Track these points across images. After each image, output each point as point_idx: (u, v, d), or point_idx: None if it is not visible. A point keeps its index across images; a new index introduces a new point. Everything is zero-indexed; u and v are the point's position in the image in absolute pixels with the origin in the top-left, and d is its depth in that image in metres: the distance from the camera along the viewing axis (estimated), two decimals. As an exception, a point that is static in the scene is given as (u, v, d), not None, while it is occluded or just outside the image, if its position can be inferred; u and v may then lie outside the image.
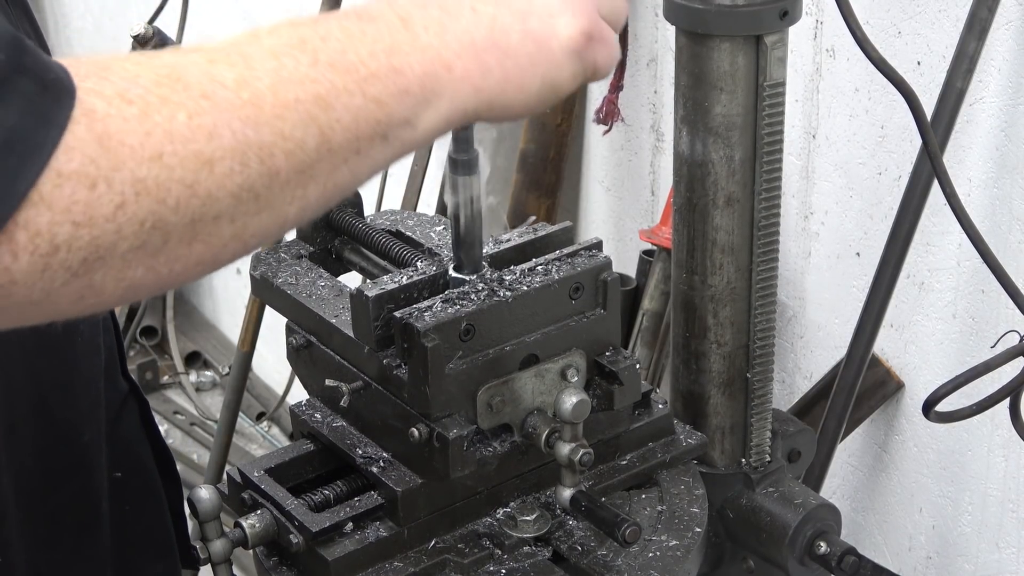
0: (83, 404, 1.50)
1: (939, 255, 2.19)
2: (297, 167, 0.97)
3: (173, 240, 0.93)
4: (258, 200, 0.96)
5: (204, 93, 0.93)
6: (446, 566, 1.44)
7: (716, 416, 1.78)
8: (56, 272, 0.90)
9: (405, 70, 1.03)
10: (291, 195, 0.98)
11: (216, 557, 1.44)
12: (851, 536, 2.40)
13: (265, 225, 0.98)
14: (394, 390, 1.42)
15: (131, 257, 0.92)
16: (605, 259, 1.48)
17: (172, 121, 0.91)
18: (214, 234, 0.95)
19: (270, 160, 0.95)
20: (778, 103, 1.63)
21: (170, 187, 0.91)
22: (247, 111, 0.94)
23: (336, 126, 0.99)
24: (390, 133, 1.02)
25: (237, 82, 0.95)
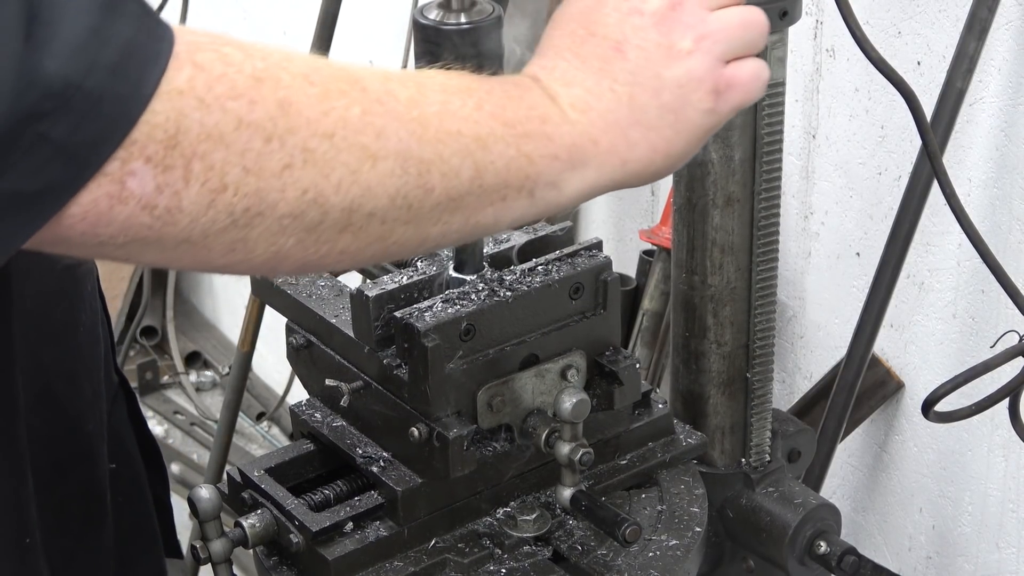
0: (87, 394, 1.51)
1: (939, 255, 2.19)
2: (449, 192, 1.04)
3: (328, 220, 0.99)
4: (409, 210, 1.02)
5: (379, 99, 1.01)
6: (446, 566, 1.44)
7: (716, 416, 1.78)
8: (219, 212, 0.95)
9: (555, 138, 1.09)
10: (438, 217, 1.05)
11: (216, 557, 1.44)
12: (851, 536, 2.40)
13: (408, 237, 1.05)
14: (394, 390, 1.42)
15: (288, 223, 0.98)
16: (605, 259, 1.48)
17: (347, 110, 0.98)
18: (364, 229, 1.01)
19: (427, 176, 1.02)
20: (778, 103, 1.64)
21: (335, 166, 0.98)
22: (414, 127, 1.02)
23: (490, 167, 1.05)
24: (536, 191, 1.09)
25: (409, 101, 1.03)
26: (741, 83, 1.15)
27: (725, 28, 1.14)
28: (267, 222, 0.97)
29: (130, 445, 1.63)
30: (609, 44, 1.13)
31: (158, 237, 0.95)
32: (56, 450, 1.48)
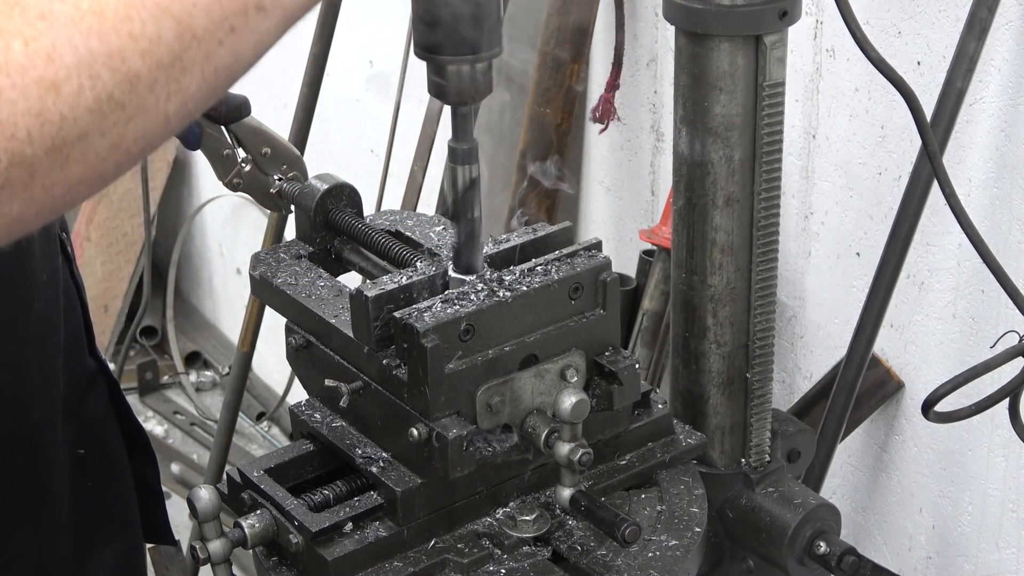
0: (35, 381, 1.51)
1: (939, 255, 2.19)
2: (160, 64, 0.92)
3: (41, 170, 0.90)
4: (124, 108, 0.92)
5: (41, 13, 0.89)
6: (446, 566, 1.44)
7: (716, 416, 1.78)
8: None
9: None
10: (164, 93, 0.93)
11: (216, 557, 1.44)
12: (851, 536, 2.40)
13: (143, 129, 0.94)
14: (394, 390, 1.42)
15: (1, 196, 0.89)
16: (605, 259, 1.48)
17: (8, 52, 0.87)
18: (87, 151, 0.91)
19: (124, 66, 0.91)
20: (778, 103, 1.63)
21: (16, 121, 0.87)
22: (88, 21, 0.90)
23: (194, 11, 0.94)
24: (264, 1, 0.97)
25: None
26: None
27: None
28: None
29: (107, 432, 1.62)
30: None
31: None
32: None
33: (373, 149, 3.50)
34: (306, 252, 1.62)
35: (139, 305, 4.41)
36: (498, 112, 2.93)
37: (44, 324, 1.50)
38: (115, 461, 1.63)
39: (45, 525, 1.54)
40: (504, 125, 2.92)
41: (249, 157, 1.60)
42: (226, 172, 1.60)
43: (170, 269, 4.56)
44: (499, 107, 2.93)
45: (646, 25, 2.60)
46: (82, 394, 1.58)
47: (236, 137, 1.58)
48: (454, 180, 1.40)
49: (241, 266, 4.33)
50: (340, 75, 3.34)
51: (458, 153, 1.38)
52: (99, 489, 1.60)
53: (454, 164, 1.39)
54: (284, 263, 1.60)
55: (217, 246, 4.50)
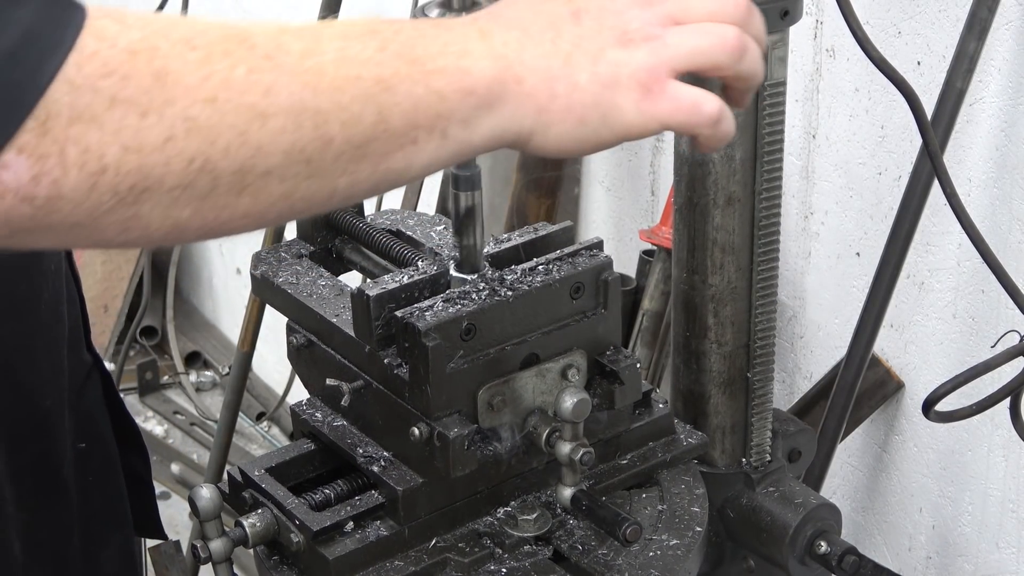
0: (46, 370, 1.52)
1: (939, 255, 2.19)
2: (351, 140, 1.00)
3: (222, 186, 0.96)
4: (309, 164, 0.99)
5: (267, 55, 0.97)
6: (446, 565, 1.44)
7: (716, 416, 1.78)
8: (104, 194, 0.93)
9: (473, 71, 1.05)
10: (343, 167, 1.01)
11: (216, 556, 1.44)
12: (851, 536, 2.40)
13: (313, 191, 1.01)
14: (395, 390, 1.42)
15: (179, 195, 0.95)
16: (606, 259, 1.48)
17: (231, 71, 0.95)
18: (263, 189, 0.98)
19: (324, 127, 0.98)
20: (778, 103, 1.64)
21: (221, 131, 0.94)
22: (307, 77, 0.98)
23: (395, 109, 1.01)
24: (449, 130, 1.04)
25: (302, 52, 0.99)
26: (674, 97, 1.12)
27: (681, 43, 1.12)
28: (157, 196, 0.95)
29: (103, 425, 1.63)
30: (569, 8, 1.11)
31: (46, 225, 0.94)
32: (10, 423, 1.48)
33: (373, 149, 3.49)
34: (307, 251, 1.62)
35: (139, 305, 4.41)
36: (498, 112, 2.93)
37: (52, 313, 1.51)
38: (110, 455, 1.64)
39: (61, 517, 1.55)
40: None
41: None
42: None
43: (170, 269, 4.56)
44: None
45: (646, 25, 2.60)
46: (81, 387, 1.59)
47: None
48: (457, 206, 1.41)
49: (241, 266, 4.33)
50: (340, 75, 3.33)
51: (460, 180, 1.39)
52: (99, 482, 1.61)
53: (457, 191, 1.40)
54: (285, 262, 1.60)
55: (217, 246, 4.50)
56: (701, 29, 1.13)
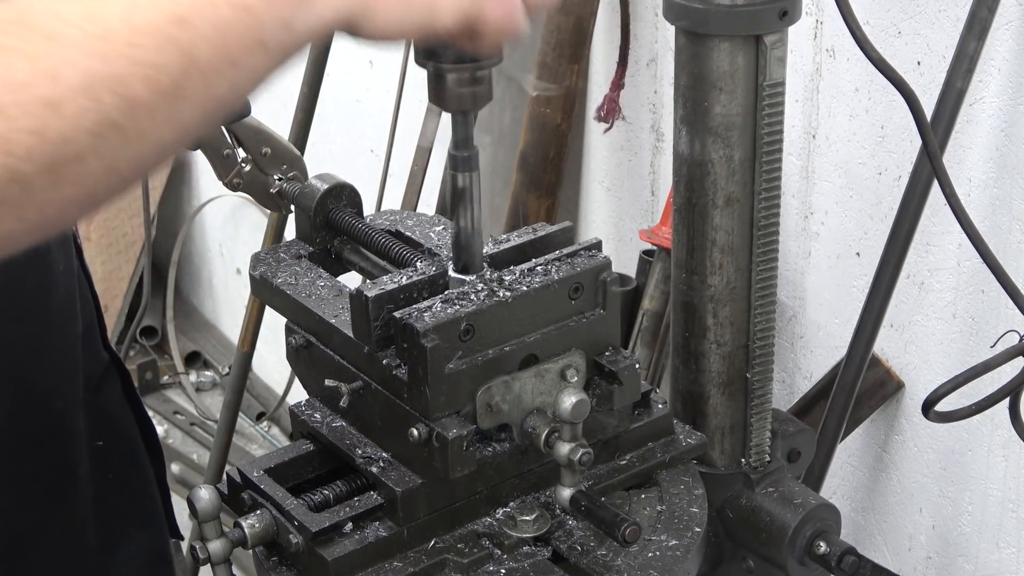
0: (58, 370, 1.51)
1: (939, 255, 2.19)
2: (161, 91, 0.93)
3: (37, 188, 0.90)
4: (123, 133, 0.92)
5: (47, 34, 0.90)
6: (446, 566, 1.44)
7: (716, 416, 1.78)
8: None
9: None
10: (163, 120, 0.94)
11: (215, 557, 1.44)
12: (851, 536, 2.40)
13: (139, 154, 0.94)
14: (394, 390, 1.42)
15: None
16: (605, 259, 1.48)
17: (11, 70, 0.88)
18: (82, 174, 0.92)
19: (125, 90, 0.92)
20: (778, 103, 1.63)
21: (14, 137, 0.88)
22: (94, 45, 0.91)
23: (200, 43, 0.94)
24: (267, 41, 0.98)
25: (84, 16, 0.91)
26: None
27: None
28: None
29: (125, 423, 1.63)
30: None
31: None
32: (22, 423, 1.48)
33: (373, 149, 3.50)
34: (306, 252, 1.62)
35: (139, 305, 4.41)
36: (498, 112, 2.93)
37: (63, 314, 1.50)
38: (134, 452, 1.63)
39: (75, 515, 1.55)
40: (504, 125, 2.92)
41: (249, 157, 1.60)
42: (226, 172, 1.60)
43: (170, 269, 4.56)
44: (499, 107, 2.93)
45: (646, 25, 2.60)
46: (98, 385, 1.59)
47: (236, 137, 1.58)
48: (454, 187, 1.40)
49: (241, 266, 4.33)
50: (340, 75, 3.34)
51: (458, 160, 1.39)
52: (119, 481, 1.61)
53: (455, 171, 1.39)
54: (284, 263, 1.60)
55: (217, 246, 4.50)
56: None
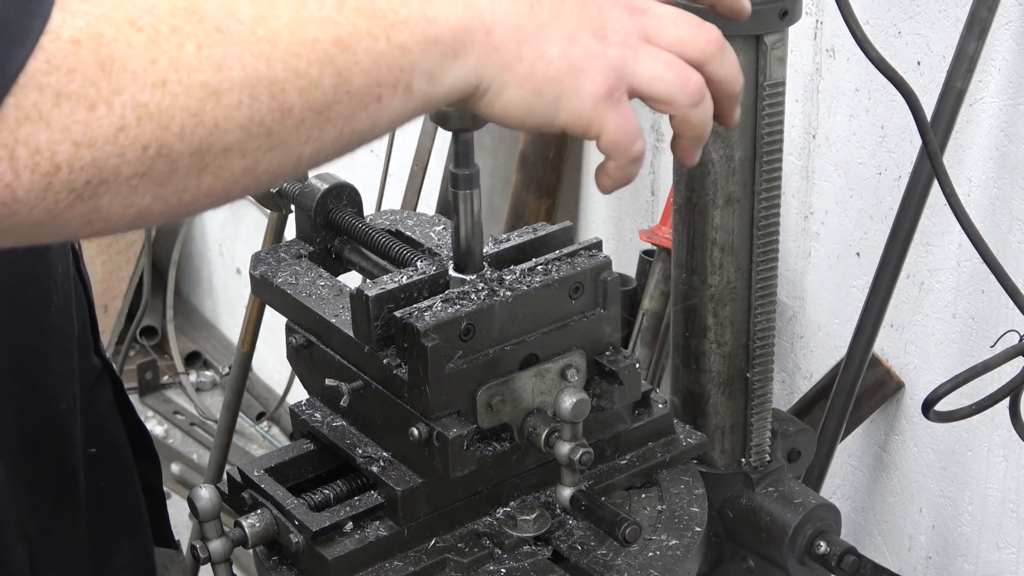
0: (59, 373, 1.51)
1: (939, 255, 2.19)
2: (312, 106, 0.97)
3: (181, 169, 0.94)
4: (270, 136, 0.96)
5: (218, 27, 0.93)
6: (446, 565, 1.44)
7: (716, 416, 1.78)
8: (59, 192, 0.90)
9: (439, 19, 1.01)
10: (305, 134, 0.98)
11: (216, 556, 1.44)
12: (851, 536, 2.40)
13: (278, 163, 0.98)
14: (394, 390, 1.42)
15: (137, 183, 0.92)
16: (605, 259, 1.48)
17: (180, 50, 0.91)
18: (224, 167, 0.95)
19: (282, 96, 0.95)
20: (778, 103, 1.64)
21: (174, 114, 0.91)
22: (260, 47, 0.94)
23: (355, 68, 0.98)
24: (413, 83, 1.01)
25: (254, 18, 0.95)
26: (626, 115, 1.12)
27: (649, 66, 1.12)
28: (115, 188, 0.92)
29: (115, 430, 1.63)
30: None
31: (5, 228, 0.91)
32: (27, 426, 1.48)
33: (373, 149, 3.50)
34: (306, 252, 1.62)
35: (139, 305, 4.41)
36: (498, 112, 2.92)
37: (62, 316, 1.50)
38: (124, 460, 1.63)
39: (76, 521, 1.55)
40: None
41: None
42: None
43: (170, 269, 4.57)
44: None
45: (646, 25, 2.60)
46: (91, 391, 1.59)
47: None
48: (456, 206, 1.41)
49: (241, 266, 4.33)
50: (340, 75, 3.33)
51: (459, 179, 1.39)
52: (112, 488, 1.61)
53: (456, 190, 1.40)
54: (284, 263, 1.60)
55: (217, 246, 4.51)
56: (671, 62, 1.12)
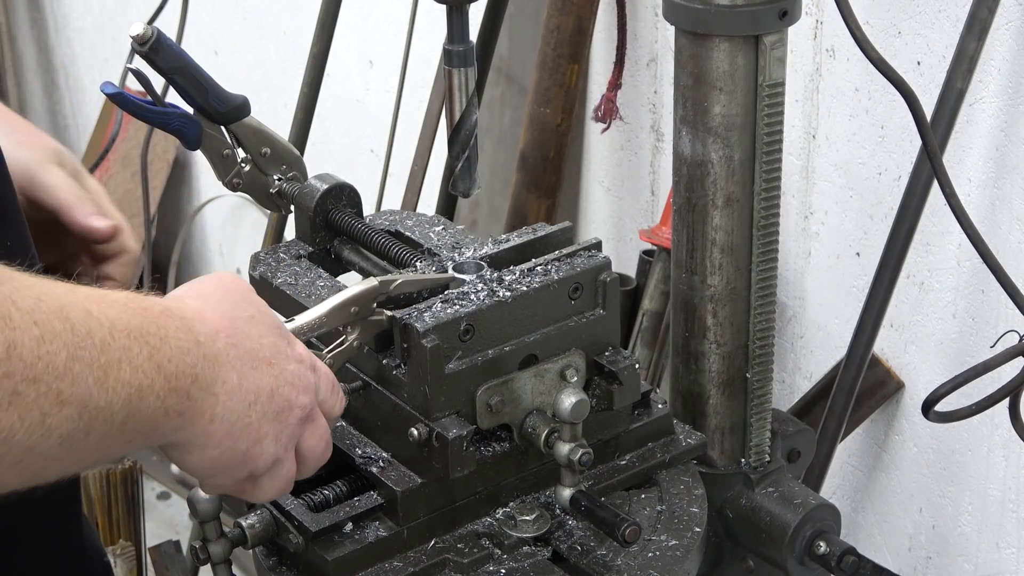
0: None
1: (939, 255, 2.19)
2: (102, 437, 1.05)
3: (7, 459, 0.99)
4: (69, 451, 1.02)
5: (81, 343, 1.01)
6: (446, 566, 1.44)
7: (716, 416, 1.78)
8: None
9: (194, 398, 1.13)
10: (85, 457, 1.06)
11: (216, 557, 1.44)
12: (851, 536, 2.40)
13: (55, 473, 1.04)
14: (394, 390, 1.42)
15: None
16: (604, 259, 1.48)
17: (56, 355, 0.98)
18: (24, 464, 1.00)
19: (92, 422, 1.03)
20: (777, 103, 1.63)
21: (31, 410, 0.98)
22: (99, 374, 1.02)
23: (137, 415, 1.07)
24: (152, 438, 1.12)
25: (102, 344, 1.03)
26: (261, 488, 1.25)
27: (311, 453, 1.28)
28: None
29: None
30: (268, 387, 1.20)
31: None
32: None
33: (373, 149, 3.50)
34: (306, 252, 1.62)
35: (139, 305, 4.40)
36: (498, 112, 2.93)
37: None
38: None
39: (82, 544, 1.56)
40: (504, 125, 2.92)
41: (249, 157, 1.60)
42: (226, 172, 1.60)
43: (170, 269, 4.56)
44: (499, 107, 2.93)
45: (646, 25, 2.60)
46: None
47: (236, 137, 1.58)
48: (451, 85, 1.40)
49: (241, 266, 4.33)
50: (340, 75, 3.34)
51: (453, 56, 1.39)
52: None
53: (450, 67, 1.39)
54: (284, 263, 1.60)
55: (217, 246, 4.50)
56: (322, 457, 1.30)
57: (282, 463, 1.24)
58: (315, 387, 1.26)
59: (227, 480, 1.22)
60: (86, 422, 1.02)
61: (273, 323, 1.24)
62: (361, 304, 1.38)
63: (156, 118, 1.53)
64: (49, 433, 0.99)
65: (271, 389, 1.20)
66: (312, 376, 1.25)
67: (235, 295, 1.22)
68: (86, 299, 1.05)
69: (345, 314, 1.38)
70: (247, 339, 1.19)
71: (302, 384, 1.23)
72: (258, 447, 1.20)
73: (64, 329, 1.00)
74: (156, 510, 3.78)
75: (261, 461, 1.21)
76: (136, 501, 2.84)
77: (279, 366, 1.21)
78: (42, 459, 1.01)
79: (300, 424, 1.24)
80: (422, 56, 3.00)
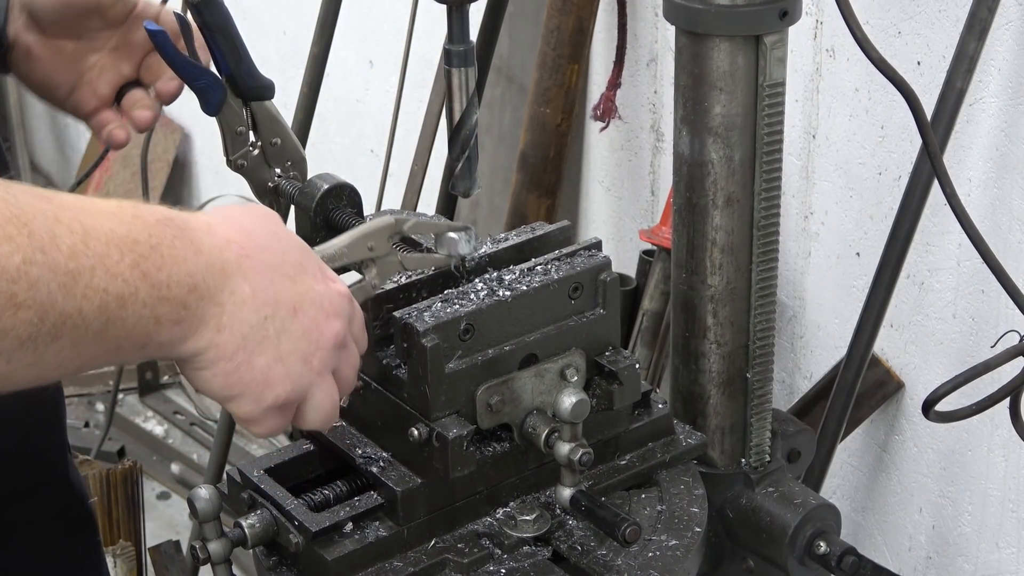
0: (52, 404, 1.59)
1: (939, 255, 2.19)
2: (74, 341, 1.04)
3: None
4: (35, 353, 1.01)
5: (42, 247, 1.00)
6: (446, 566, 1.44)
7: (716, 416, 1.78)
8: None
9: (191, 307, 1.10)
10: (59, 362, 1.04)
11: (216, 557, 1.43)
12: (851, 536, 2.40)
13: (27, 378, 1.03)
14: (394, 390, 1.42)
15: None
16: (604, 259, 1.48)
17: (9, 258, 0.97)
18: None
19: (60, 327, 1.02)
20: (778, 103, 1.63)
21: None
22: (65, 279, 1.01)
23: (119, 323, 1.05)
24: (149, 347, 1.10)
25: (70, 250, 1.02)
26: (283, 420, 1.21)
27: (321, 392, 1.22)
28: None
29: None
30: (289, 302, 1.17)
31: None
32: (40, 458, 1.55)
33: (373, 149, 3.50)
34: (306, 252, 1.62)
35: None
36: (498, 112, 2.93)
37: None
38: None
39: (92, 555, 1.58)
40: (504, 125, 2.92)
41: (259, 143, 1.59)
42: (234, 150, 1.59)
43: (170, 269, 4.56)
44: (499, 107, 2.93)
45: (646, 25, 2.61)
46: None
47: (253, 118, 1.57)
48: (451, 85, 1.40)
49: (241, 266, 4.33)
50: (340, 75, 3.34)
51: (453, 56, 1.39)
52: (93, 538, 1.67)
53: (450, 67, 1.39)
54: (284, 263, 1.60)
55: (217, 246, 4.50)
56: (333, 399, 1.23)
57: (318, 387, 1.20)
58: (350, 316, 1.23)
59: (253, 405, 1.17)
60: (51, 327, 1.01)
61: (300, 244, 1.21)
62: (377, 240, 1.39)
63: (187, 70, 1.50)
64: (5, 334, 0.98)
65: (292, 305, 1.16)
66: (348, 306, 1.22)
67: (261, 213, 1.21)
68: (59, 208, 1.03)
69: (362, 249, 1.38)
70: (266, 252, 1.16)
71: (332, 308, 1.20)
72: (280, 367, 1.16)
73: (19, 234, 0.98)
74: (156, 510, 3.78)
75: (290, 383, 1.17)
76: (136, 501, 2.84)
77: (304, 284, 1.18)
78: (4, 360, 1.00)
79: (335, 350, 1.21)
80: (422, 56, 3.00)
